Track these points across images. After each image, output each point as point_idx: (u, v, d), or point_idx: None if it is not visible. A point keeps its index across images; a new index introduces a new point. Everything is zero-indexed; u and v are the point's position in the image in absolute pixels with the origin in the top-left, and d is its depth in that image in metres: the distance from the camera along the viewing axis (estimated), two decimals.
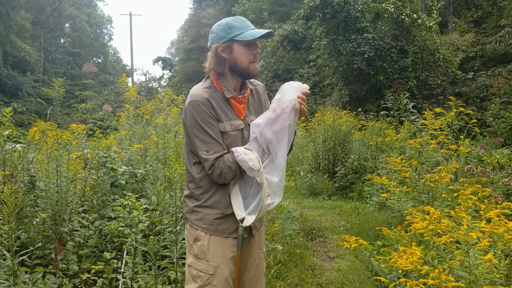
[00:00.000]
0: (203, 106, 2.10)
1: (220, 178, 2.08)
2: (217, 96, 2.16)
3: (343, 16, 14.36)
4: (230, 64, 2.16)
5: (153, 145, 5.31)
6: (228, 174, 2.07)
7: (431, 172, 4.50)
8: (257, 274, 2.34)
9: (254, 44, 2.16)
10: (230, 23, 2.14)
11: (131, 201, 3.69)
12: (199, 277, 2.17)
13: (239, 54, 2.13)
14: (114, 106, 14.47)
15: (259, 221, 2.28)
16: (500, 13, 15.79)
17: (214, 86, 2.19)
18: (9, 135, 3.72)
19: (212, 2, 42.04)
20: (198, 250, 2.20)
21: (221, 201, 2.16)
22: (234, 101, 2.20)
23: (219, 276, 2.15)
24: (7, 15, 34.26)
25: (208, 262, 2.16)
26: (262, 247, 2.39)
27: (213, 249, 2.17)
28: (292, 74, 21.53)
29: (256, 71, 2.20)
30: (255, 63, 2.18)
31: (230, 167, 2.06)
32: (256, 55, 2.17)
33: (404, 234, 2.87)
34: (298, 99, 2.08)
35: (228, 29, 2.13)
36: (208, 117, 2.10)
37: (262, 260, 2.39)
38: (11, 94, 34.00)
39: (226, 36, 2.12)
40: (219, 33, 2.15)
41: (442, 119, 5.63)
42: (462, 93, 14.37)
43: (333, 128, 9.33)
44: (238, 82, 2.24)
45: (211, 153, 2.07)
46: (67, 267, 3.50)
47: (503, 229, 2.18)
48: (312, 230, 6.06)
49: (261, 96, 2.37)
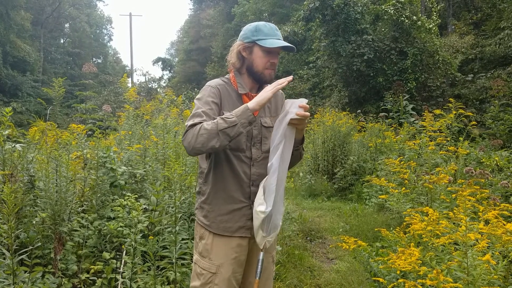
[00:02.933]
0: (214, 90, 2.20)
1: (192, 140, 2.00)
2: (230, 89, 2.25)
3: (342, 18, 14.38)
4: (248, 64, 2.24)
5: (152, 146, 5.31)
6: (202, 136, 1.98)
7: (430, 173, 4.50)
8: (264, 277, 2.33)
9: (274, 53, 2.23)
10: (259, 27, 2.22)
11: (130, 202, 3.69)
12: (202, 275, 2.20)
13: (256, 57, 2.21)
14: (113, 107, 14.46)
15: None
16: (500, 16, 15.80)
17: (231, 82, 2.28)
18: (9, 135, 3.73)
19: (212, 3, 42.02)
20: (203, 248, 2.24)
21: (226, 199, 2.19)
22: (247, 98, 2.24)
23: (221, 275, 2.17)
24: (7, 15, 34.25)
25: (211, 261, 2.19)
26: (271, 251, 2.40)
27: (217, 249, 2.20)
28: (292, 75, 21.48)
29: (270, 77, 2.25)
30: (270, 70, 2.24)
31: (205, 128, 1.98)
32: (273, 63, 2.24)
33: (402, 235, 2.88)
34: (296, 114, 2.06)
35: (255, 32, 2.21)
36: (211, 98, 2.17)
37: (270, 264, 2.39)
38: (10, 94, 33.95)
39: (251, 37, 2.21)
40: (246, 33, 2.24)
41: (441, 121, 5.64)
42: (462, 95, 14.39)
43: (332, 129, 9.34)
44: (254, 84, 2.29)
45: (190, 122, 2.06)
46: (66, 267, 3.51)
47: (501, 231, 2.18)
48: (311, 231, 6.07)
49: (278, 101, 2.41)
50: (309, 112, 2.22)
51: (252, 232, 2.20)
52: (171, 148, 5.26)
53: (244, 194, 2.21)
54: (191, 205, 4.15)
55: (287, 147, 2.11)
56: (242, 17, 30.84)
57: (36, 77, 38.41)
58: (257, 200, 2.11)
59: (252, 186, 2.21)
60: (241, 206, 2.21)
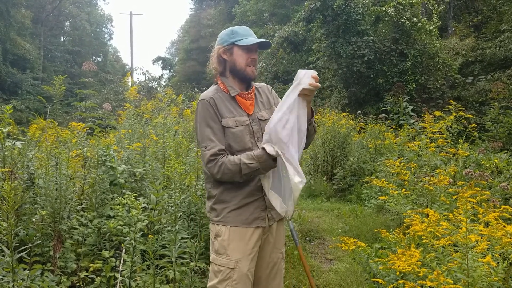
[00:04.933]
0: (206, 104, 2.29)
1: (217, 175, 2.21)
2: (223, 96, 2.35)
3: (343, 19, 14.39)
4: (230, 65, 2.37)
5: (152, 145, 5.31)
6: (227, 175, 2.19)
7: (430, 175, 4.50)
8: (272, 273, 2.42)
9: (253, 50, 2.37)
10: (234, 30, 2.37)
11: (130, 200, 3.69)
12: (220, 271, 2.24)
13: (237, 56, 2.34)
14: (113, 105, 14.44)
15: (276, 213, 2.35)
16: (500, 18, 15.82)
17: (221, 88, 2.38)
18: (9, 132, 3.72)
19: (213, 2, 42.03)
20: (219, 245, 2.28)
21: (238, 194, 2.27)
22: (241, 98, 2.37)
23: (239, 271, 2.22)
24: (7, 13, 34.20)
25: (229, 257, 2.24)
26: (280, 246, 2.46)
27: (234, 244, 2.25)
28: (292, 75, 21.52)
29: (253, 74, 2.37)
30: (252, 67, 2.36)
31: (230, 168, 2.17)
32: (253, 59, 2.36)
33: (402, 236, 2.88)
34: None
35: (231, 34, 2.36)
36: (209, 116, 2.27)
37: (279, 259, 2.46)
38: (10, 92, 33.89)
39: (229, 40, 2.35)
40: (223, 37, 2.38)
41: (441, 123, 5.64)
42: (461, 97, 14.41)
43: (332, 130, 9.34)
44: (242, 84, 2.40)
45: (208, 149, 2.22)
46: (65, 265, 3.50)
47: (501, 233, 2.18)
48: (310, 232, 6.07)
49: (268, 95, 2.53)
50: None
51: (267, 221, 2.32)
52: (171, 147, 5.26)
53: (256, 188, 2.29)
54: (191, 204, 4.15)
55: (302, 119, 2.18)
56: (242, 17, 30.84)
57: (36, 75, 38.35)
58: (289, 172, 2.13)
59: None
60: (254, 199, 2.29)
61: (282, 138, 2.11)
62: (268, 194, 2.25)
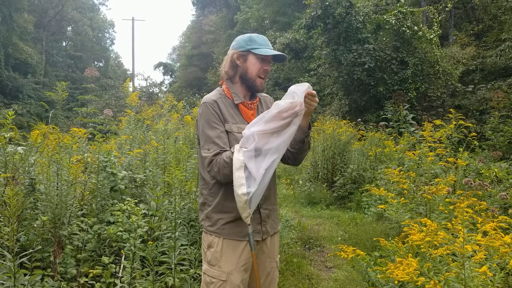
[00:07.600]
0: (210, 107, 2.26)
1: (218, 174, 2.14)
2: (227, 102, 2.32)
3: (344, 27, 14.46)
4: (241, 72, 2.33)
5: (153, 151, 5.33)
6: (225, 169, 2.10)
7: (429, 184, 4.52)
8: (267, 282, 2.40)
9: (267, 61, 2.33)
10: (252, 38, 2.34)
11: (130, 206, 3.70)
12: (212, 283, 2.22)
13: (251, 64, 2.31)
14: (114, 111, 14.47)
15: (271, 227, 2.34)
16: (501, 27, 15.88)
17: (225, 93, 2.35)
18: (11, 137, 3.74)
19: (215, 9, 42.21)
20: (211, 256, 2.25)
21: (234, 205, 2.15)
22: (243, 107, 2.34)
23: (231, 283, 2.19)
24: (10, 17, 34.38)
25: (221, 268, 2.21)
26: (274, 256, 2.44)
27: (226, 256, 2.22)
28: (292, 82, 21.57)
29: (261, 87, 2.35)
30: (262, 79, 2.33)
31: (226, 161, 2.10)
32: (266, 70, 2.33)
33: (401, 245, 2.89)
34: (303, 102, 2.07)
35: (249, 41, 2.32)
36: (214, 118, 2.24)
37: (273, 269, 2.44)
38: (11, 96, 33.99)
39: (245, 46, 2.31)
40: (240, 42, 2.34)
41: (441, 131, 5.66)
42: (462, 106, 14.43)
43: (332, 137, 9.35)
44: (247, 92, 2.38)
45: (211, 151, 2.17)
46: (65, 270, 3.51)
47: (499, 243, 2.20)
48: (309, 239, 6.07)
49: (268, 105, 2.48)
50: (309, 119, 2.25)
51: (261, 235, 2.28)
52: (172, 153, 5.28)
53: None
54: (191, 211, 4.16)
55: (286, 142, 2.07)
56: (244, 24, 30.98)
57: (37, 79, 38.48)
58: (237, 182, 2.03)
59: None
60: None
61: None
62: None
